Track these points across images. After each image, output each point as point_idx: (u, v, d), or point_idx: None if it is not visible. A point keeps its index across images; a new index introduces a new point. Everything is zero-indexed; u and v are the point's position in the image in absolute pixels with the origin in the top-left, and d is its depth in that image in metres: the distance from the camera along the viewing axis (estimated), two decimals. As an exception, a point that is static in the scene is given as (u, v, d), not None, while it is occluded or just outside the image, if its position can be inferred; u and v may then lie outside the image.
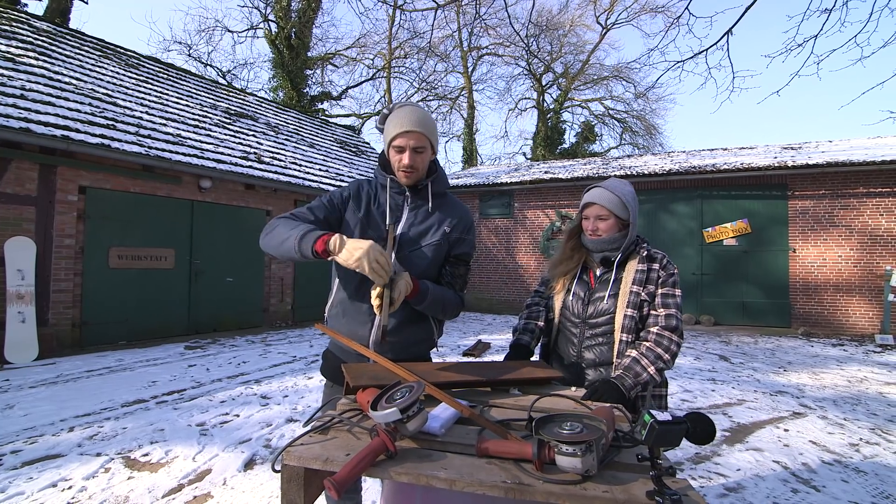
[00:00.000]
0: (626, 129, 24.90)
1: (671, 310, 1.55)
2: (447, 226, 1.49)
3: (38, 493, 2.35)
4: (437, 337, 1.60)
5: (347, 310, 1.46)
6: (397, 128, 1.39)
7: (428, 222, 1.49)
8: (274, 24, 17.83)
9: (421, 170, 1.44)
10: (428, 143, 1.43)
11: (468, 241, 1.56)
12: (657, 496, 0.75)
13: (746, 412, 3.94)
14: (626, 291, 1.58)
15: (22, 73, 6.37)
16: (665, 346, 1.50)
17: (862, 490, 2.58)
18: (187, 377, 4.69)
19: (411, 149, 1.39)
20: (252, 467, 2.73)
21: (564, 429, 0.84)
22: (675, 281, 1.60)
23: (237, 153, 8.19)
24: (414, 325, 1.48)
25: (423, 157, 1.43)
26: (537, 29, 21.65)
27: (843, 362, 6.08)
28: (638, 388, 1.46)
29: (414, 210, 1.49)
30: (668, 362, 1.49)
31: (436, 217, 1.50)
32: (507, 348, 2.08)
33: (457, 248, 1.53)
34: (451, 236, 1.50)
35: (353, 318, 1.45)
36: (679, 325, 1.54)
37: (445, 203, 1.54)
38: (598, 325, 1.62)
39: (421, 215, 1.49)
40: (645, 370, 1.47)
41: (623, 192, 1.61)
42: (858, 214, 8.56)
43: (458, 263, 1.54)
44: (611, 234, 1.61)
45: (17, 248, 5.35)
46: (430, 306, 1.43)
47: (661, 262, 1.62)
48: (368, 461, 0.86)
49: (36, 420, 3.36)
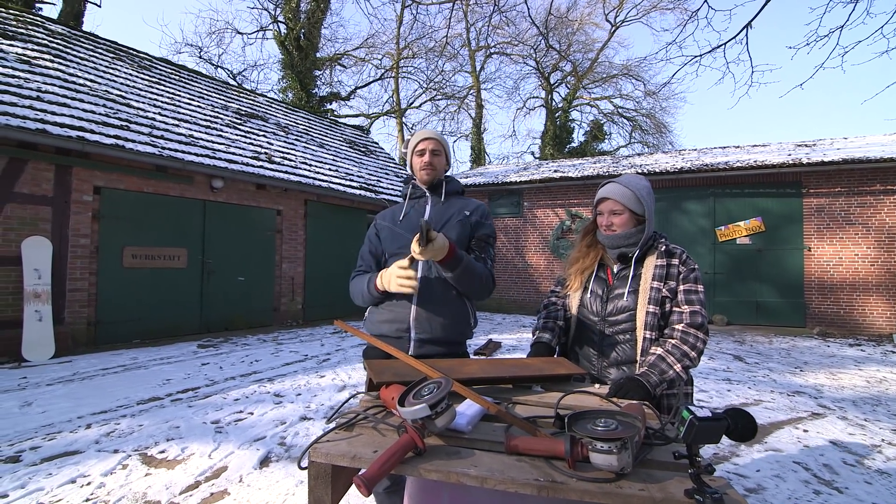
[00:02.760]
0: (635, 127, 24.70)
1: (695, 306, 1.52)
2: (467, 210, 1.74)
3: (57, 488, 2.38)
4: (472, 322, 1.74)
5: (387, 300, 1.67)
6: (419, 136, 1.77)
7: (449, 211, 1.74)
8: (283, 26, 17.94)
9: (438, 170, 1.76)
10: (443, 149, 1.78)
11: (488, 224, 1.77)
12: (697, 494, 0.73)
13: (764, 412, 3.88)
14: (647, 288, 1.54)
15: (38, 75, 6.47)
16: (691, 343, 1.46)
17: (886, 492, 2.52)
18: (201, 375, 4.73)
19: (430, 151, 1.74)
20: (267, 465, 2.74)
21: (599, 425, 0.82)
22: (697, 277, 1.56)
23: (248, 153, 8.24)
24: (449, 305, 1.64)
25: (440, 159, 1.76)
26: (546, 28, 21.54)
27: (861, 362, 5.97)
28: (664, 386, 1.43)
29: (435, 205, 1.76)
30: (694, 360, 1.46)
31: (456, 206, 1.76)
32: (517, 348, 2.11)
33: (478, 230, 1.74)
34: (471, 219, 1.73)
35: (387, 305, 1.67)
36: (704, 322, 1.50)
37: (461, 199, 1.81)
38: (618, 323, 1.59)
39: (441, 207, 1.75)
40: (671, 367, 1.44)
41: (637, 187, 1.59)
42: (875, 212, 8.40)
43: (482, 244, 1.73)
44: (626, 229, 1.59)
45: (34, 248, 5.42)
46: (464, 273, 1.55)
47: (680, 257, 1.58)
48: (397, 458, 0.85)
49: (54, 417, 3.40)
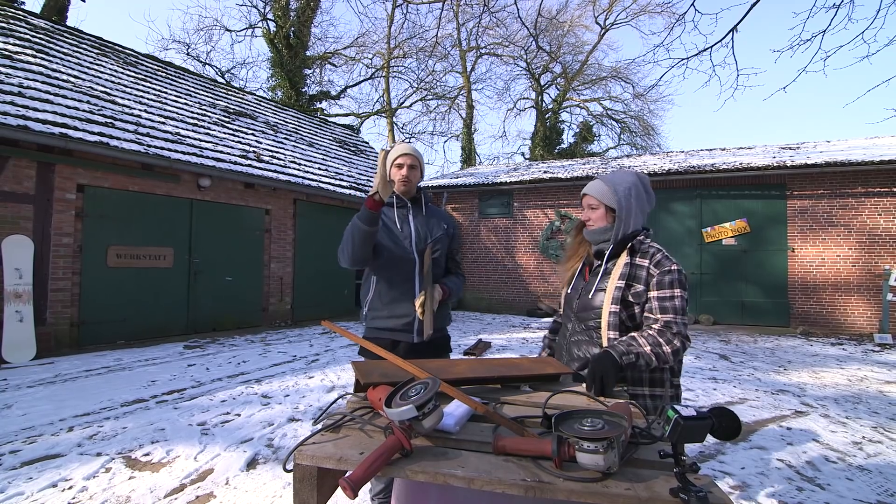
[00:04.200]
0: (624, 129, 24.91)
1: (668, 315, 1.41)
2: (445, 223, 2.05)
3: (38, 493, 2.32)
4: (450, 312, 2.11)
5: (384, 295, 1.91)
6: (399, 150, 1.97)
7: (430, 223, 2.01)
8: (272, 23, 17.79)
9: (414, 182, 1.99)
10: (419, 164, 1.99)
11: (458, 236, 2.17)
12: (682, 493, 0.73)
13: (749, 411, 3.94)
14: (613, 287, 1.48)
15: (19, 70, 6.32)
16: (667, 339, 1.38)
17: (867, 488, 2.57)
18: (187, 376, 4.66)
19: (408, 166, 1.95)
20: (255, 467, 2.71)
21: (585, 425, 0.83)
22: (674, 280, 1.44)
23: (236, 152, 8.16)
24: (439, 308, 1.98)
25: (416, 173, 1.98)
26: (536, 30, 21.65)
27: (843, 361, 6.09)
28: (631, 357, 1.35)
29: (416, 216, 2.00)
30: (667, 354, 1.37)
31: (434, 220, 2.04)
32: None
33: (454, 242, 2.10)
34: (449, 231, 2.05)
35: (389, 303, 1.90)
36: (681, 330, 1.40)
37: (433, 211, 2.08)
38: (587, 320, 1.56)
39: (423, 219, 2.01)
40: (641, 347, 1.37)
41: (616, 182, 1.57)
42: (857, 214, 8.58)
43: (455, 253, 2.12)
44: (600, 224, 1.58)
45: (15, 247, 5.30)
46: (454, 297, 1.99)
47: (653, 257, 1.48)
48: (384, 460, 0.84)
49: (35, 420, 3.33)
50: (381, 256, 1.89)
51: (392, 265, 1.89)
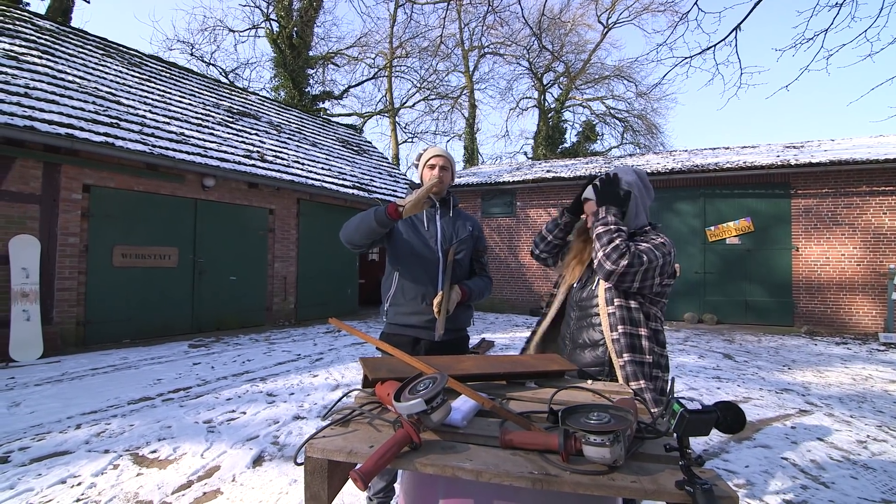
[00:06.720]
0: (627, 128, 24.86)
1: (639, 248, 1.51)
2: (470, 226, 2.08)
3: (47, 489, 2.35)
4: (472, 309, 2.13)
5: (407, 292, 1.94)
6: (432, 153, 2.02)
7: (457, 224, 2.04)
8: (275, 24, 17.84)
9: (446, 184, 2.01)
10: (450, 166, 2.03)
11: (482, 237, 2.18)
12: (687, 486, 0.74)
13: (753, 409, 3.94)
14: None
15: (25, 71, 6.37)
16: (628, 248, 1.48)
17: (871, 487, 2.57)
18: (192, 375, 4.69)
19: (440, 167, 1.98)
20: (261, 464, 2.73)
21: (592, 419, 0.84)
22: (657, 243, 1.52)
23: (240, 152, 8.19)
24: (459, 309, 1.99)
25: (447, 175, 2.01)
26: (539, 29, 21.63)
27: (848, 360, 6.07)
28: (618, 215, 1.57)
29: (444, 217, 2.04)
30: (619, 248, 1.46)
31: (460, 221, 2.06)
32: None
33: (479, 244, 2.12)
34: (473, 233, 2.07)
35: (412, 299, 1.93)
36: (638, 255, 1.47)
37: (460, 213, 2.12)
38: (587, 307, 1.67)
39: (449, 220, 2.05)
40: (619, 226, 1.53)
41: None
42: (862, 213, 8.54)
43: (481, 255, 2.13)
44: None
45: (22, 247, 5.35)
46: (475, 299, 2.01)
47: (645, 235, 1.59)
48: (393, 453, 0.86)
49: (43, 417, 3.36)
50: (405, 253, 1.94)
51: (416, 263, 1.94)
